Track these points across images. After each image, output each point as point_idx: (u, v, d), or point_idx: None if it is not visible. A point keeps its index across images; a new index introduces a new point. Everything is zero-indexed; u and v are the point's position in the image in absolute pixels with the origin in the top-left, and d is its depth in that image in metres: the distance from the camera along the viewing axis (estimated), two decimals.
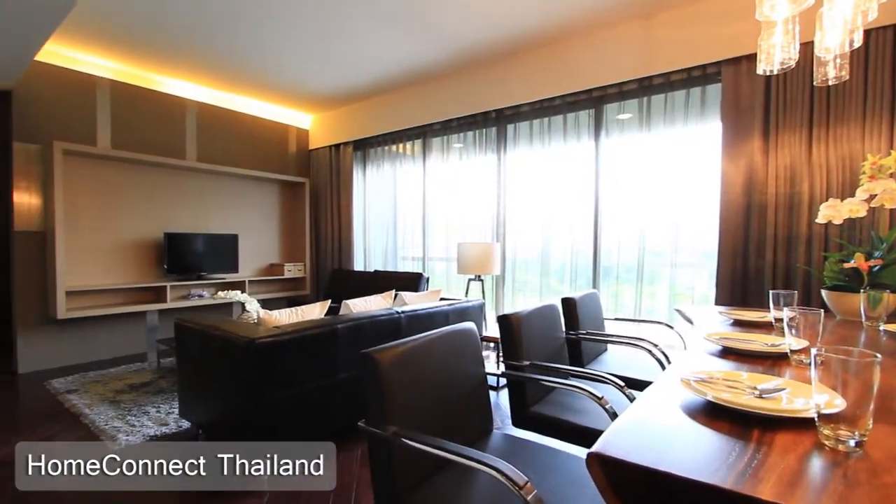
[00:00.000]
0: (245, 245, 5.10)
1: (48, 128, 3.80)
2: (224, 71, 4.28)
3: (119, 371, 3.79)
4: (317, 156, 5.75)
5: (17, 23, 2.68)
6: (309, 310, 2.39)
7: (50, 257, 3.73)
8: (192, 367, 2.43)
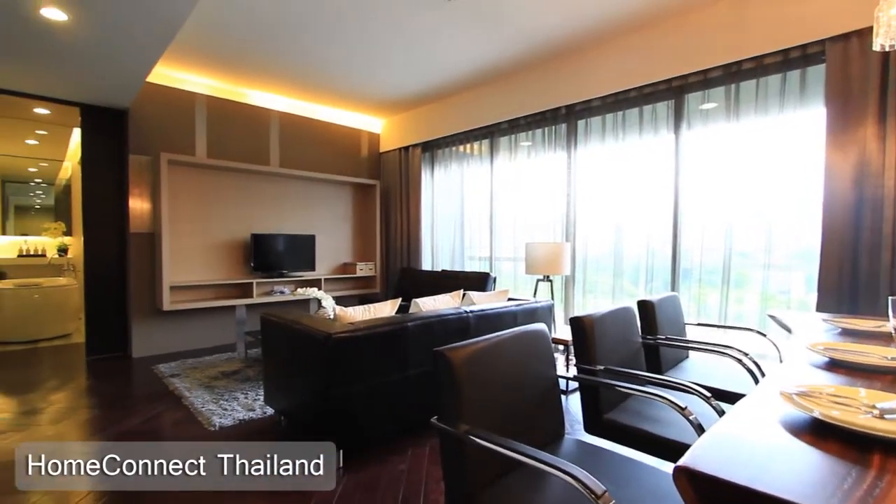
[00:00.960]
0: (321, 245, 5.40)
1: (156, 141, 4.29)
2: (304, 82, 4.56)
3: (213, 359, 4.17)
4: (387, 158, 5.94)
5: (133, 50, 3.05)
6: (381, 307, 2.48)
7: (157, 256, 4.20)
8: (275, 359, 2.62)
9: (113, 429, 2.67)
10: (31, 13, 2.54)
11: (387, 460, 2.26)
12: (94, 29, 2.75)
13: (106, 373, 3.86)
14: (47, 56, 3.14)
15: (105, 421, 2.80)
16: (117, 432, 2.62)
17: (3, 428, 2.69)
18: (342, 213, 5.71)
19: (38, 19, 2.61)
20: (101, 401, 3.19)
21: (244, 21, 3.30)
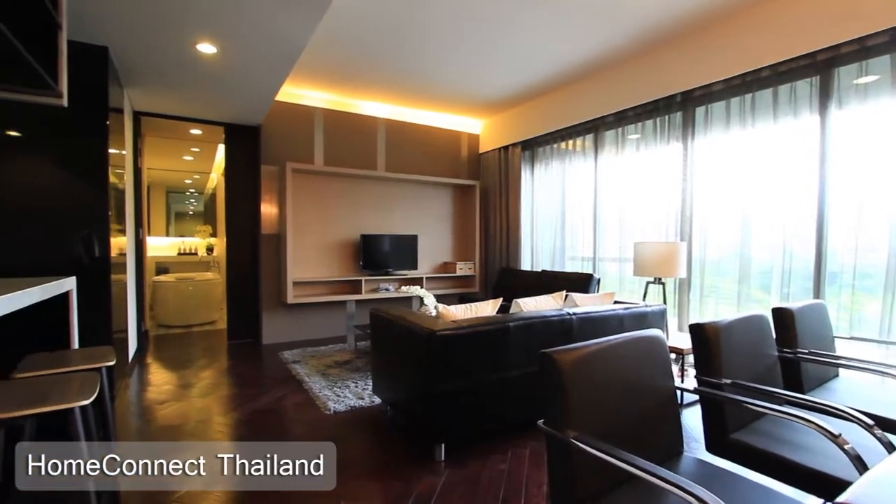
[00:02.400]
0: (423, 244, 5.61)
1: (283, 152, 4.81)
2: (408, 89, 4.78)
3: (327, 349, 4.56)
4: (486, 159, 5.98)
5: (265, 74, 3.46)
6: (482, 307, 2.50)
7: (283, 254, 4.71)
8: (382, 352, 2.78)
9: (248, 406, 3.05)
10: (189, 49, 3.01)
11: (487, 458, 2.27)
12: (236, 58, 3.17)
13: (242, 356, 4.42)
14: (201, 84, 3.70)
15: (242, 398, 3.21)
16: (251, 409, 2.98)
17: (167, 398, 3.22)
18: (443, 214, 5.87)
19: (194, 53, 3.08)
20: (238, 380, 3.66)
21: (354, 39, 3.55)
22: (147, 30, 2.77)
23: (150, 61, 3.24)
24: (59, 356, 1.68)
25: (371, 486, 2.06)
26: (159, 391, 3.39)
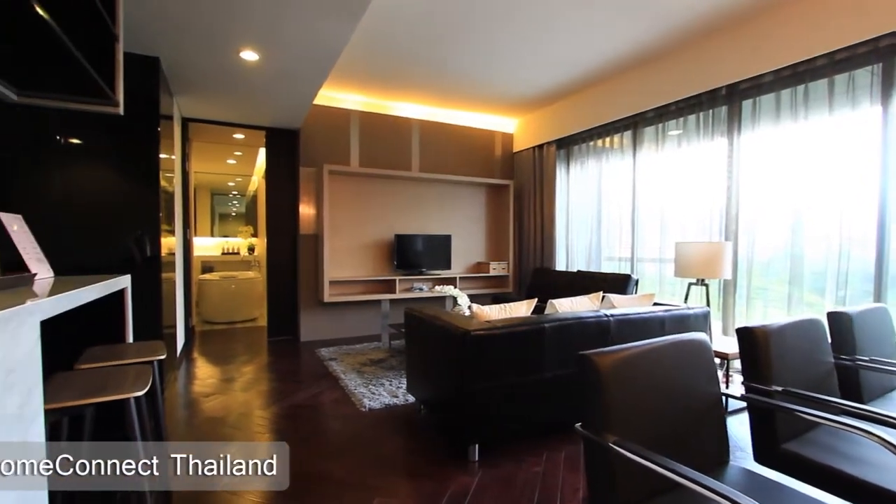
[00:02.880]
0: (456, 244, 5.62)
1: (320, 154, 4.94)
2: (442, 89, 4.80)
3: (362, 347, 4.65)
4: (520, 158, 5.92)
5: (304, 78, 3.55)
6: (516, 307, 2.48)
7: (320, 254, 4.83)
8: (416, 351, 2.80)
9: (287, 400, 3.14)
10: (233, 57, 3.14)
11: (521, 460, 2.25)
12: (277, 65, 3.28)
13: (281, 352, 4.56)
14: (244, 91, 3.85)
15: (281, 393, 3.31)
16: (290, 404, 3.08)
17: (212, 391, 3.37)
18: (476, 214, 5.86)
19: (238, 61, 3.21)
20: (277, 375, 3.78)
21: (389, 41, 3.60)
22: (195, 40, 2.90)
23: (197, 70, 3.39)
24: (115, 349, 1.78)
25: (405, 483, 2.08)
26: (204, 384, 3.55)
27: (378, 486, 2.02)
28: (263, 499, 1.95)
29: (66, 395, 1.22)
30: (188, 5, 2.49)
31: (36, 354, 1.01)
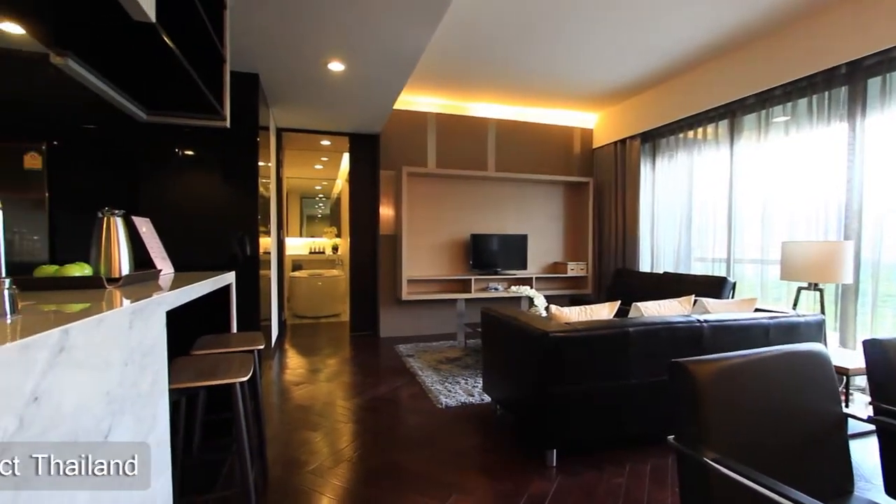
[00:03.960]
0: (532, 244, 5.52)
1: (399, 157, 5.11)
2: (519, 86, 4.74)
3: (438, 345, 4.73)
4: (601, 154, 5.67)
5: (385, 85, 3.70)
6: (597, 309, 2.37)
7: (398, 254, 5.00)
8: (493, 350, 2.80)
9: (369, 393, 3.29)
10: (322, 68, 3.35)
11: (602, 469, 2.15)
12: (360, 73, 3.45)
13: (362, 347, 4.79)
14: (330, 100, 4.09)
15: (362, 386, 3.48)
16: (371, 397, 3.22)
17: (301, 380, 3.62)
18: (553, 213, 5.71)
19: (325, 72, 3.42)
20: (359, 369, 3.98)
21: (465, 41, 3.62)
22: (289, 56, 3.14)
23: (290, 83, 3.67)
24: (222, 338, 1.99)
25: (481, 482, 2.08)
26: (294, 374, 3.83)
27: (455, 483, 2.04)
28: (346, 482, 2.06)
29: (184, 377, 1.38)
30: (284, 25, 2.70)
31: (163, 340, 1.15)
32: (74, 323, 0.73)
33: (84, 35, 1.45)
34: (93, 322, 0.79)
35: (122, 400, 0.91)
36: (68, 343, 0.71)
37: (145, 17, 1.26)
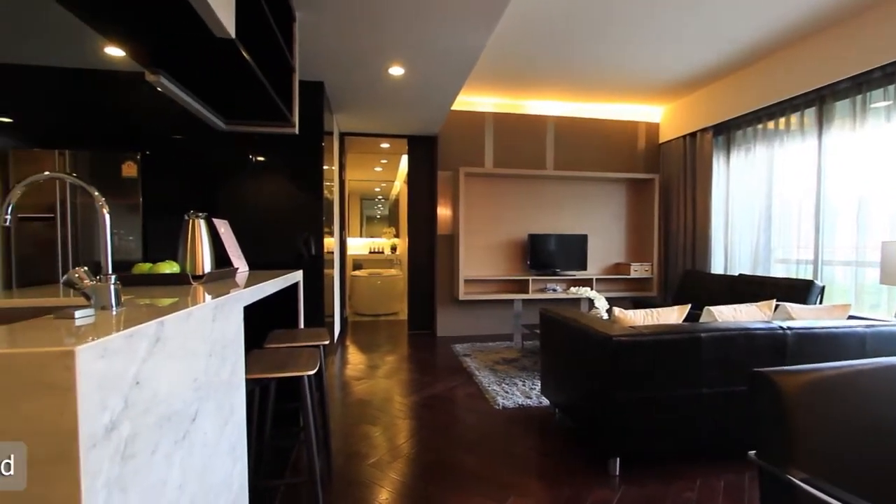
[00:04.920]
0: (593, 244, 5.34)
1: (456, 158, 5.14)
2: (579, 81, 4.60)
3: (495, 346, 4.70)
4: (668, 148, 5.37)
5: (443, 87, 3.74)
6: (665, 313, 2.25)
7: (455, 254, 5.03)
8: (552, 353, 2.74)
9: (426, 391, 3.34)
10: (383, 73, 3.45)
11: (670, 483, 2.04)
12: (420, 76, 3.51)
13: (419, 345, 4.87)
14: (390, 103, 4.20)
15: (419, 383, 3.53)
16: (428, 395, 3.26)
17: (361, 376, 3.75)
18: (615, 212, 5.50)
19: (386, 77, 3.52)
20: (416, 367, 4.04)
21: (524, 38, 3.57)
22: (352, 62, 3.26)
23: (353, 89, 3.81)
24: (290, 333, 2.10)
25: (539, 486, 2.04)
26: (355, 369, 3.97)
27: (512, 485, 2.02)
28: (404, 477, 2.10)
29: (258, 368, 1.48)
30: (348, 33, 2.81)
31: (240, 333, 1.24)
32: (168, 316, 0.80)
33: (173, 54, 1.60)
34: (183, 315, 0.86)
35: (206, 387, 0.99)
36: (163, 334, 0.78)
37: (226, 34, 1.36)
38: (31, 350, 0.55)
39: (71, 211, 3.31)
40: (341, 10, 2.51)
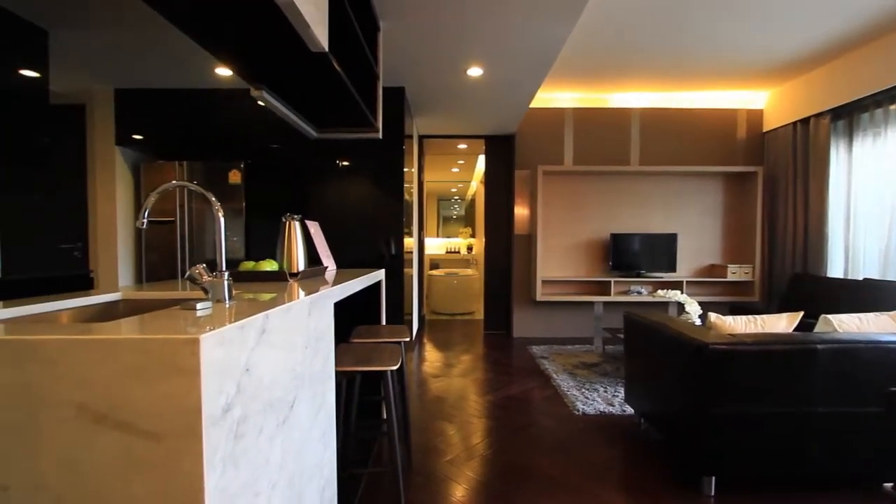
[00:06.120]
0: (683, 244, 4.97)
1: (534, 156, 5.05)
2: (669, 70, 4.30)
3: (573, 349, 4.55)
4: (773, 138, 4.83)
5: (522, 85, 3.69)
6: (772, 321, 2.03)
7: (533, 254, 4.95)
8: (637, 359, 2.59)
9: (502, 391, 3.32)
10: (461, 75, 3.49)
11: None
12: (498, 75, 3.50)
13: (495, 345, 4.85)
14: (468, 104, 4.24)
15: (495, 383, 3.52)
16: (504, 395, 3.24)
17: (437, 373, 3.82)
18: (709, 208, 5.06)
19: (465, 78, 3.55)
20: (491, 367, 4.03)
21: (609, 28, 3.41)
22: (432, 67, 3.33)
23: (432, 92, 3.90)
24: (374, 329, 2.20)
25: (623, 498, 1.94)
26: (432, 367, 4.05)
27: (594, 494, 1.94)
28: (481, 475, 2.10)
29: (346, 361, 1.57)
30: (429, 39, 2.88)
31: (331, 328, 1.32)
32: (272, 309, 0.88)
33: (272, 70, 1.75)
34: (284, 309, 0.94)
35: (302, 377, 1.07)
36: (268, 326, 0.86)
37: (321, 48, 1.46)
38: (163, 336, 0.63)
39: (188, 215, 3.76)
40: (424, 16, 2.58)
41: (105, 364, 0.62)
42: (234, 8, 1.31)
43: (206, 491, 0.64)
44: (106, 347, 0.63)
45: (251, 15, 1.34)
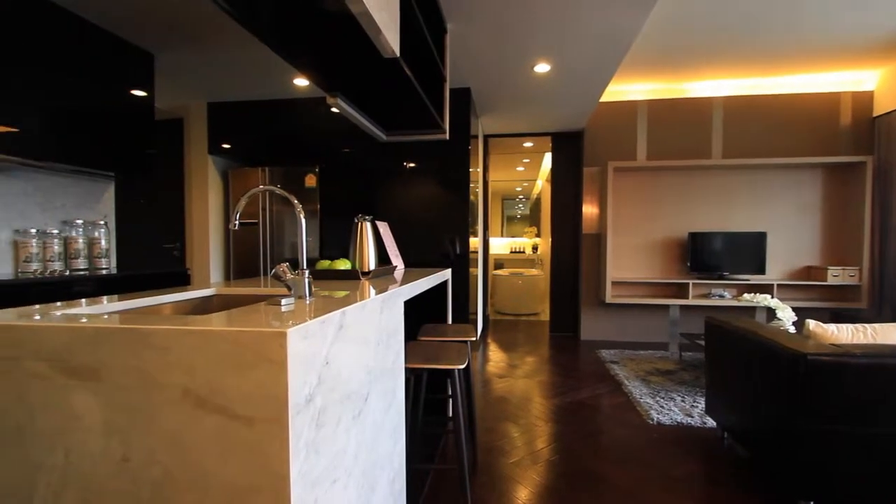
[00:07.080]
0: (773, 244, 4.53)
1: (604, 152, 4.86)
2: (754, 56, 3.94)
3: (646, 354, 4.31)
4: (886, 123, 4.26)
5: (591, 79, 3.56)
6: (885, 330, 1.79)
7: (602, 254, 4.76)
8: (721, 368, 2.40)
9: (569, 396, 3.23)
10: (528, 73, 3.44)
11: None
12: (566, 70, 3.40)
13: (561, 347, 4.72)
14: (534, 101, 4.17)
15: (561, 387, 3.43)
16: (572, 400, 3.14)
17: (501, 373, 3.79)
18: (805, 204, 4.57)
19: (531, 75, 3.50)
20: (557, 369, 3.93)
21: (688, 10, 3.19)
22: (498, 66, 3.32)
23: (497, 91, 3.88)
24: (440, 328, 2.23)
25: None
26: (496, 367, 4.03)
27: None
28: (547, 480, 2.06)
29: (415, 358, 1.60)
30: (496, 38, 2.87)
31: (401, 325, 1.36)
32: (349, 306, 0.92)
33: (346, 77, 1.83)
34: (359, 306, 0.98)
35: (375, 372, 1.11)
36: (345, 321, 0.90)
37: (392, 54, 1.51)
38: (255, 329, 0.69)
39: (269, 217, 4.05)
40: (490, 15, 2.57)
41: (205, 353, 0.69)
42: (311, 19, 1.39)
43: (292, 474, 0.68)
44: (206, 338, 0.69)
45: (327, 25, 1.41)
